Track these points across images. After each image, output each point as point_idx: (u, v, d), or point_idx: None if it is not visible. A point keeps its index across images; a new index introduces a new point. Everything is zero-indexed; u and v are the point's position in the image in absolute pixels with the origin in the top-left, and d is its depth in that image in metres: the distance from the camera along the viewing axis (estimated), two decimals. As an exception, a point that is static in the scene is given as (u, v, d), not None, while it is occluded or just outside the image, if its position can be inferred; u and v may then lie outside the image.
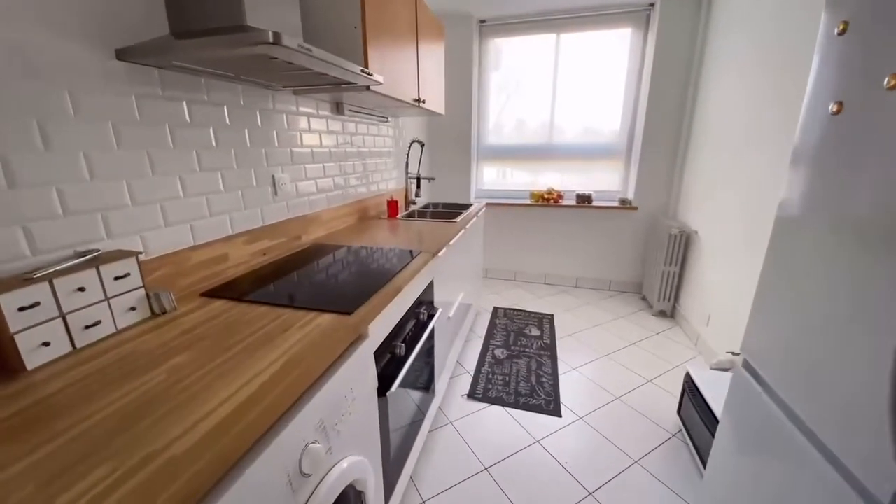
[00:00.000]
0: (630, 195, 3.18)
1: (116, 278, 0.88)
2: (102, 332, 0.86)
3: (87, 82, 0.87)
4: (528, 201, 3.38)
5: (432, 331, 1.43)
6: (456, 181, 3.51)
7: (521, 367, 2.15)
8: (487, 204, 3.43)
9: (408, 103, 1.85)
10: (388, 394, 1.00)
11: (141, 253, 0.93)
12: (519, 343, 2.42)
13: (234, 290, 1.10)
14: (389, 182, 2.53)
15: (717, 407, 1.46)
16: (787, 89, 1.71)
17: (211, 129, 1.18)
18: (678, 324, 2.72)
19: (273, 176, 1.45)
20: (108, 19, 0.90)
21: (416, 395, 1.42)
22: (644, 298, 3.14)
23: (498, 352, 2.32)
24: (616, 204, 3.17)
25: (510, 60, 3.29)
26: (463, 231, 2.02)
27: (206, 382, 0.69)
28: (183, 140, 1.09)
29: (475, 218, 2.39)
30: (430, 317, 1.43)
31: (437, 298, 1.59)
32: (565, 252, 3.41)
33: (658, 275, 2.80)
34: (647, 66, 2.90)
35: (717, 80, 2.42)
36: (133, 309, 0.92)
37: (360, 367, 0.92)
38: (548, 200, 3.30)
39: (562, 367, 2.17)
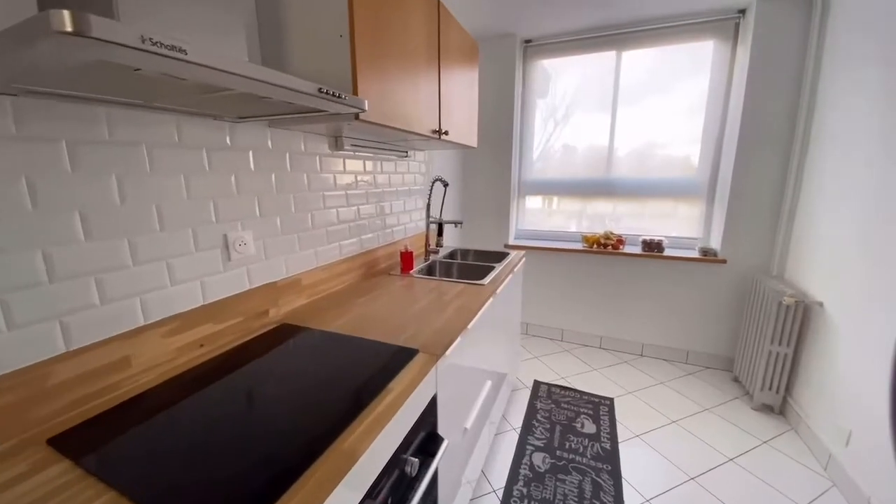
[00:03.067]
0: (715, 244, 2.51)
1: None
2: None
3: None
4: (579, 246, 2.81)
5: (433, 478, 0.92)
6: (493, 221, 3.04)
7: (568, 490, 1.55)
8: (530, 248, 2.91)
9: (423, 135, 1.44)
10: None
11: None
12: (567, 445, 1.82)
13: (98, 435, 0.69)
14: (411, 225, 2.12)
15: None
16: None
17: (114, 179, 0.82)
18: (793, 427, 1.96)
19: (225, 235, 1.07)
20: None
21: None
22: (737, 380, 2.39)
23: (538, 458, 1.74)
24: (696, 254, 2.51)
25: (560, 84, 2.83)
26: (492, 299, 1.53)
27: None
28: (54, 198, 0.73)
29: (511, 275, 1.88)
30: (430, 456, 0.93)
31: (445, 412, 1.09)
32: (627, 312, 2.76)
33: (761, 354, 2.08)
34: (738, 84, 2.30)
35: (845, 98, 1.77)
36: None
37: None
38: (605, 246, 2.71)
39: (629, 497, 1.54)
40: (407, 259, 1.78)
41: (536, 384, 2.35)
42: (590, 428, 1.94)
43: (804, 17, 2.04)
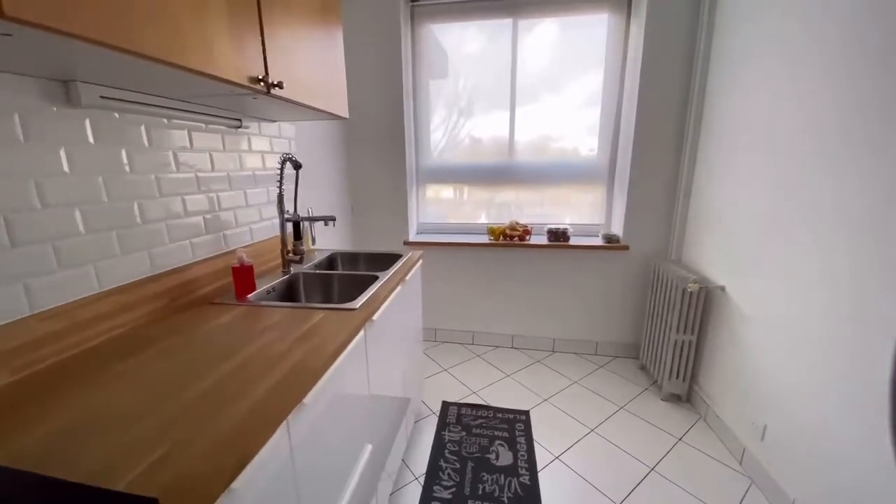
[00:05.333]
0: (617, 230, 2.41)
1: None
2: None
3: None
4: (485, 239, 2.50)
5: None
6: (390, 214, 2.57)
7: (484, 561, 1.20)
8: (434, 244, 2.52)
9: (229, 82, 0.90)
10: None
11: None
12: (481, 489, 1.47)
13: None
14: (261, 225, 1.54)
15: None
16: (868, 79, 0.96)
17: None
18: (701, 415, 1.91)
19: None
20: None
21: None
22: (644, 368, 2.34)
23: (444, 520, 1.35)
24: (600, 242, 2.38)
25: (456, 63, 2.45)
26: (364, 331, 1.07)
27: None
28: None
29: (401, 284, 1.45)
30: None
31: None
32: (537, 306, 2.55)
33: (667, 344, 2.00)
34: (634, 61, 2.17)
35: (737, 79, 1.70)
36: None
37: None
38: (511, 237, 2.44)
39: (554, 551, 1.25)
40: (243, 277, 1.22)
41: (445, 407, 1.98)
42: (505, 458, 1.62)
43: (694, -13, 1.95)
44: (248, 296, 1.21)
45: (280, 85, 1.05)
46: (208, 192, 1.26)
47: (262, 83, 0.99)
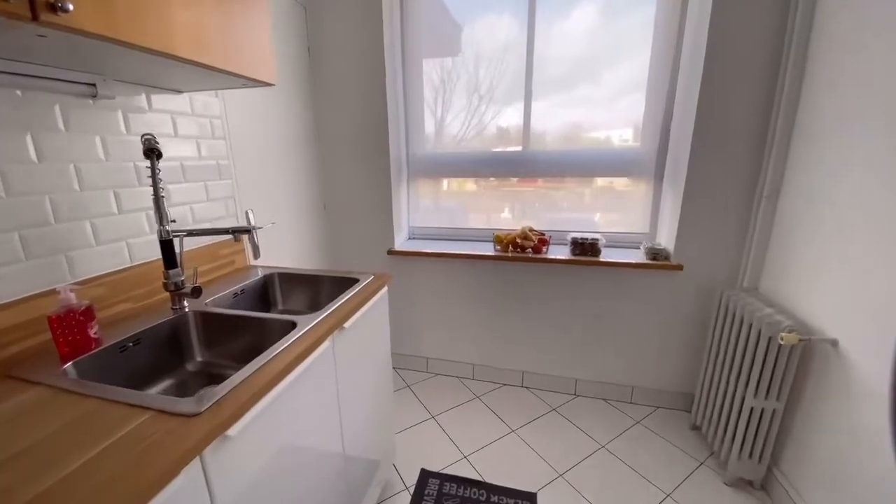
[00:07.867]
0: (666, 242, 1.82)
1: None
2: None
3: None
4: (490, 250, 1.97)
5: None
6: (372, 216, 2.09)
7: None
8: (426, 255, 2.03)
9: None
10: None
11: None
12: None
13: None
14: (143, 241, 1.09)
15: None
16: None
17: None
18: (787, 516, 1.33)
19: None
20: None
21: None
22: (697, 428, 1.75)
23: None
24: (641, 258, 1.80)
25: (454, 15, 1.92)
26: (199, 464, 0.60)
27: None
28: None
29: (327, 342, 0.97)
30: None
31: None
32: (556, 337, 2.00)
33: (737, 408, 1.42)
34: (696, 23, 1.56)
35: (850, 35, 1.08)
36: None
37: None
38: (523, 249, 1.91)
39: None
40: (67, 331, 0.77)
41: (423, 478, 1.49)
42: (495, 582, 1.12)
43: None
44: (66, 365, 0.75)
45: (62, 6, 0.57)
46: (28, 194, 0.82)
47: (3, -5, 0.52)
